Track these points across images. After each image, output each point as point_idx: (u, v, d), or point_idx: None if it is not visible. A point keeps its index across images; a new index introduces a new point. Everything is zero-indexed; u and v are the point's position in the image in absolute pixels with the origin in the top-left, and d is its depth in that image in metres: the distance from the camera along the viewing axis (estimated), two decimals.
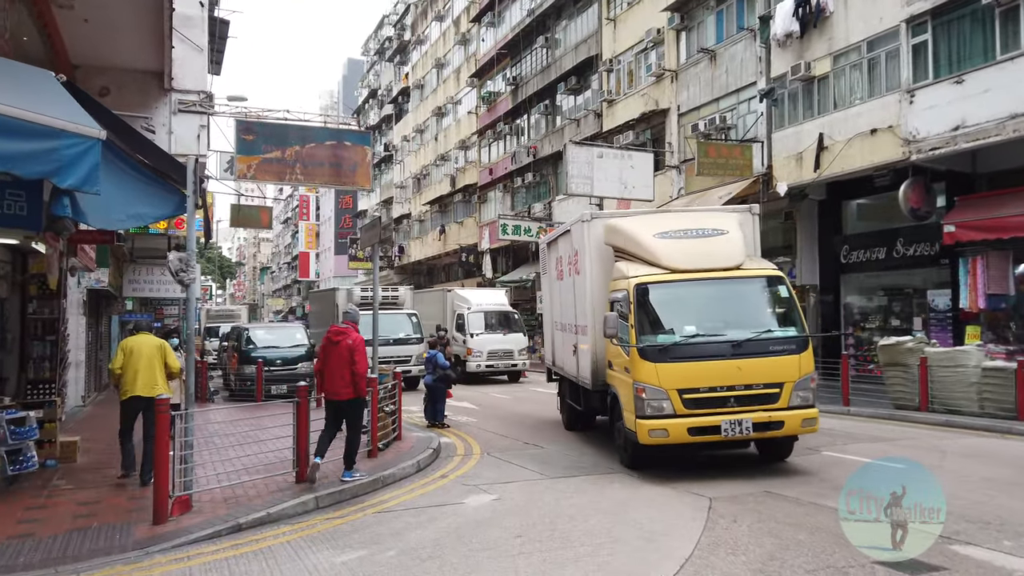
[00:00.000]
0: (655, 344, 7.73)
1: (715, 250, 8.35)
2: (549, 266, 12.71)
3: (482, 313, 21.93)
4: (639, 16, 23.26)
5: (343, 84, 78.30)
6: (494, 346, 21.32)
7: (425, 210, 43.11)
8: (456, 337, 21.71)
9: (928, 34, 14.09)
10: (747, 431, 7.54)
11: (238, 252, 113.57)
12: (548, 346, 13.23)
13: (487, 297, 22.97)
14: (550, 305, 12.72)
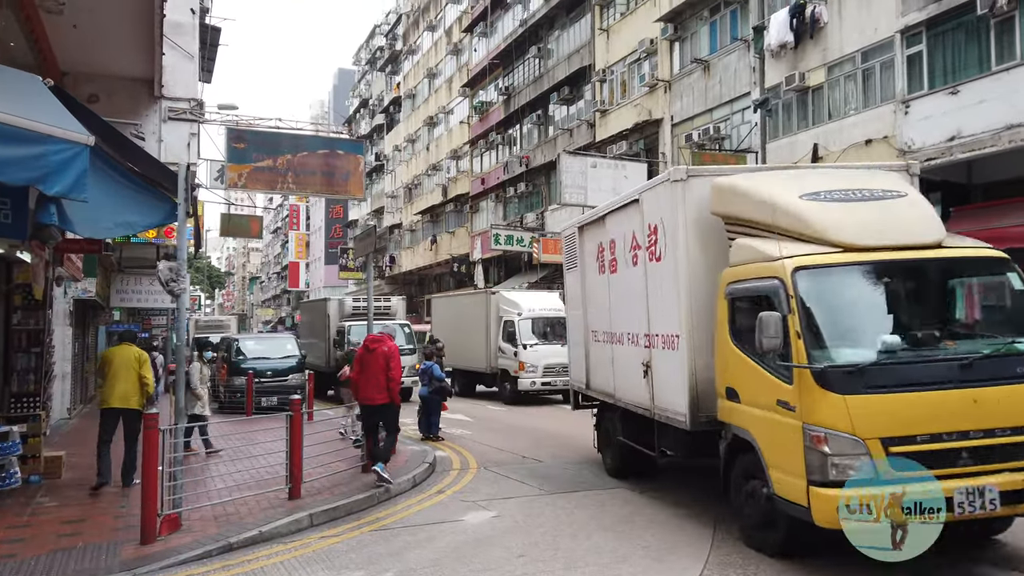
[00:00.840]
0: (842, 365, 4.95)
1: (902, 218, 5.61)
2: (584, 257, 9.48)
3: (536, 320, 18.52)
4: (632, 27, 23.27)
5: (333, 94, 78.15)
6: (551, 359, 17.60)
7: (416, 220, 42.94)
8: (503, 349, 18.84)
9: (923, 45, 14.10)
10: (992, 505, 4.79)
11: (227, 262, 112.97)
12: (578, 363, 9.99)
13: (540, 300, 19.38)
14: (583, 309, 9.61)
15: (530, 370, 17.89)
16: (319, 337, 21.72)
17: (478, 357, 19.74)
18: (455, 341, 19.87)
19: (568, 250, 10.44)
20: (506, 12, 32.15)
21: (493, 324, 19.16)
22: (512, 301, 19.19)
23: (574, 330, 10.33)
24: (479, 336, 19.60)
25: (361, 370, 8.16)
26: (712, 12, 20.18)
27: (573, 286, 10.20)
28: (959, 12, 13.31)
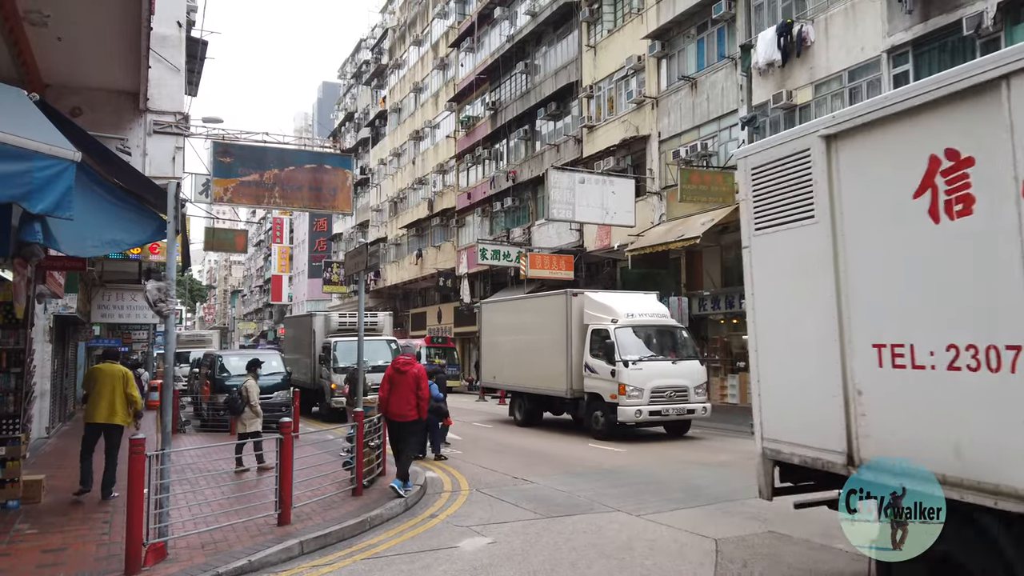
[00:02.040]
0: None
1: None
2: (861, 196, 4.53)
3: (637, 329, 14.82)
4: (619, 43, 23.38)
5: (318, 107, 77.96)
6: (661, 380, 14.10)
7: (402, 234, 42.76)
8: (593, 367, 14.83)
9: (909, 64, 14.25)
10: None
11: (208, 275, 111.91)
12: None
13: (638, 304, 15.64)
14: (836, 298, 4.63)
15: (634, 395, 13.89)
16: (304, 353, 21.45)
17: (551, 377, 15.99)
18: (515, 357, 17.68)
19: (746, 212, 5.52)
20: (493, 28, 32.23)
21: (575, 334, 15.44)
22: (603, 304, 15.32)
23: (799, 338, 5.06)
24: (554, 350, 15.90)
25: (391, 389, 8.81)
26: (699, 30, 20.32)
27: (787, 256, 5.17)
28: (945, 32, 13.46)
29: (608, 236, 23.14)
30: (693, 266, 21.44)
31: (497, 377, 18.95)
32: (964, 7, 12.95)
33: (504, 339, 18.66)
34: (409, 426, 8.82)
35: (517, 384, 17.75)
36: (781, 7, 17.26)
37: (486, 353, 19.76)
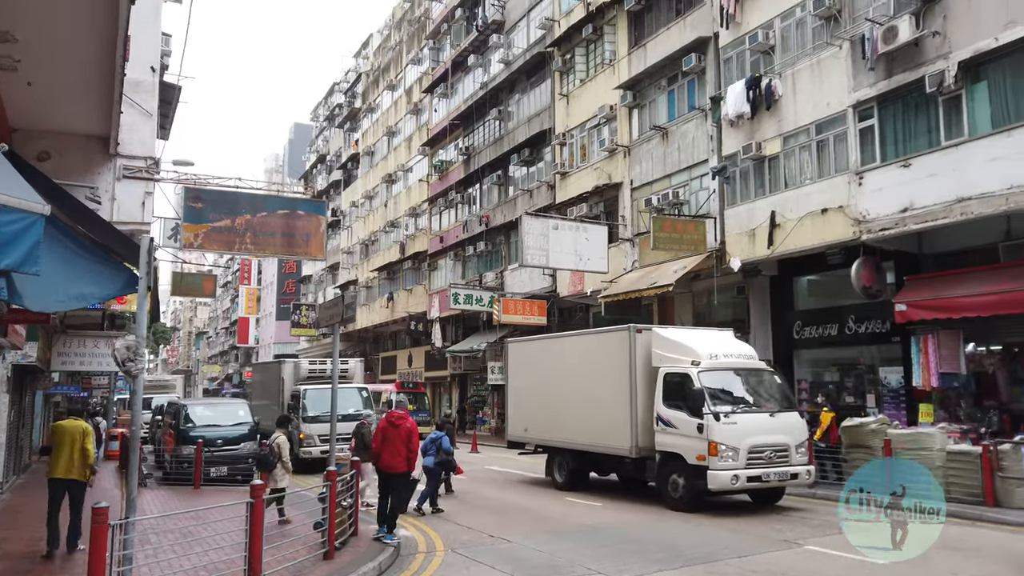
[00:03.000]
0: None
1: None
2: None
3: (725, 373, 12.26)
4: (591, 93, 23.77)
5: (289, 148, 77.89)
6: (759, 438, 11.42)
7: (373, 276, 42.49)
8: (669, 420, 12.08)
9: (875, 119, 14.63)
10: None
11: (173, 316, 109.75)
12: None
13: (720, 343, 13.19)
14: None
15: (727, 456, 11.12)
16: (272, 400, 20.96)
17: (608, 431, 13.20)
18: (555, 406, 14.85)
19: None
20: (467, 75, 32.64)
21: (641, 379, 12.71)
22: (678, 343, 12.73)
23: None
24: (612, 398, 13.16)
25: (383, 441, 9.34)
26: (670, 82, 20.75)
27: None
28: (909, 89, 13.88)
29: (581, 282, 23.20)
30: (665, 312, 21.52)
31: (530, 430, 15.87)
32: (926, 65, 13.39)
33: (540, 384, 15.68)
34: (400, 478, 9.33)
35: (558, 439, 14.83)
36: (749, 61, 17.71)
37: (515, 400, 16.72)
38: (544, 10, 26.88)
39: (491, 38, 30.19)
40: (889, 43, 13.74)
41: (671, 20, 20.55)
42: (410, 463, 9.39)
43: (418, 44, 38.72)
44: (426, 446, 12.05)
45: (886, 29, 13.80)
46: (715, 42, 18.77)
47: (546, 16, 26.51)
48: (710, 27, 18.93)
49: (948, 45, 13.11)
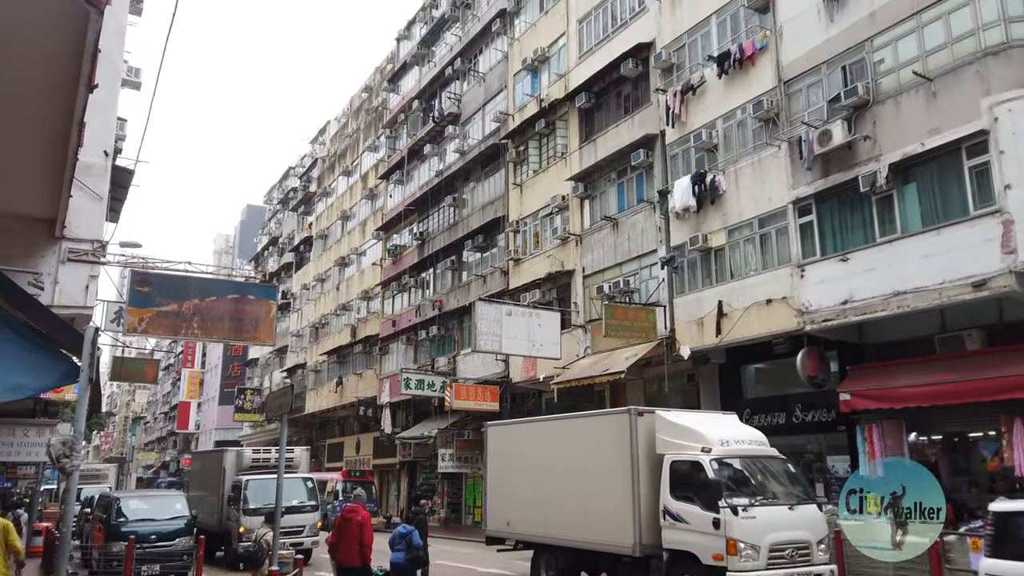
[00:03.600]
0: None
1: None
2: None
3: (740, 462, 11.25)
4: (544, 183, 24.45)
5: (240, 229, 77.44)
6: (780, 533, 10.40)
7: (322, 360, 41.73)
8: (679, 514, 11.01)
9: (814, 215, 15.33)
10: None
11: (109, 400, 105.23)
12: None
13: (729, 427, 12.35)
14: None
15: (747, 555, 10.05)
16: (211, 491, 20.02)
17: (606, 526, 12.02)
18: (543, 497, 13.52)
19: None
20: (422, 163, 33.30)
21: (644, 467, 11.65)
22: (685, 428, 11.69)
23: None
24: (610, 489, 12.03)
25: (339, 536, 9.51)
26: (619, 175, 21.52)
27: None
28: (844, 188, 14.65)
29: (534, 368, 23.19)
30: (617, 399, 21.57)
31: (512, 524, 14.46)
32: (859, 166, 14.21)
33: (525, 473, 14.34)
34: (356, 572, 9.47)
35: (546, 534, 13.42)
36: (695, 158, 18.53)
37: (495, 491, 15.32)
38: (499, 104, 27.86)
39: (447, 129, 31.04)
40: (824, 145, 14.58)
41: (620, 118, 21.50)
42: (364, 557, 9.39)
43: (375, 132, 39.51)
44: (394, 540, 11.26)
45: (821, 132, 14.67)
46: (662, 139, 19.64)
47: (500, 110, 27.46)
48: (656, 125, 19.84)
49: (879, 148, 13.98)
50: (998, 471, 13.18)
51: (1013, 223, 11.85)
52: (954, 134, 12.83)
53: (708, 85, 18.25)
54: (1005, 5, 12.57)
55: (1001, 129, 12.17)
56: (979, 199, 12.50)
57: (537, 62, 25.42)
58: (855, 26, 14.86)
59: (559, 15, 24.81)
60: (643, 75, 20.77)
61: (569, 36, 24.22)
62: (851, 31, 14.93)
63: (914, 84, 13.57)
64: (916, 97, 13.55)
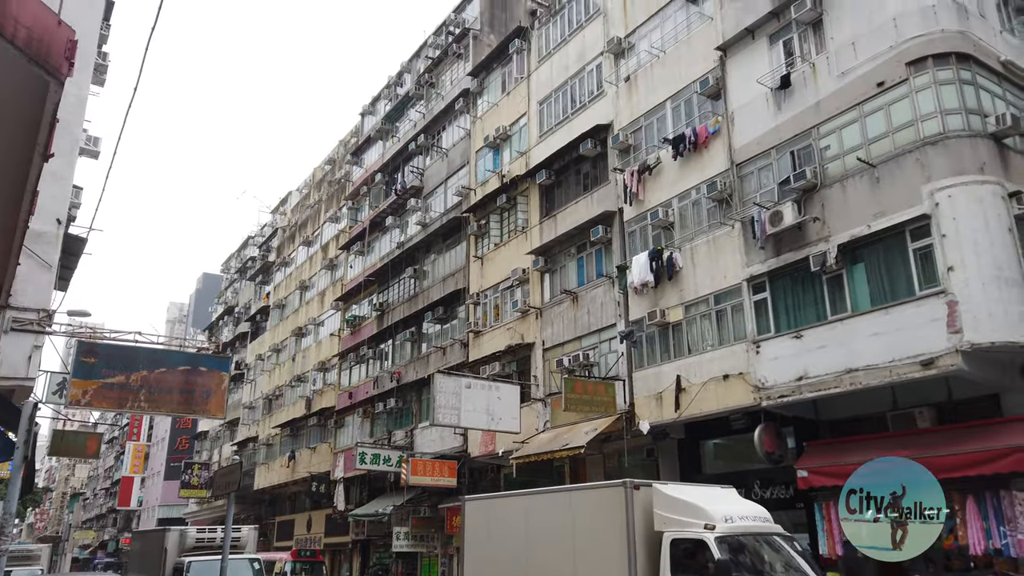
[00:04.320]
0: None
1: None
2: None
3: (747, 540, 10.67)
4: (505, 256, 24.67)
5: (196, 298, 76.17)
6: None
7: (275, 433, 40.53)
8: None
9: (767, 293, 15.69)
10: None
11: (47, 476, 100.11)
12: None
13: (732, 503, 11.82)
14: None
15: None
16: (150, 573, 18.97)
17: None
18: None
19: None
20: (384, 234, 33.41)
21: (642, 546, 10.90)
22: (685, 503, 11.05)
23: None
24: (604, 569, 11.31)
25: None
26: (579, 250, 21.84)
27: None
28: (796, 267, 15.06)
29: (493, 442, 22.84)
30: (577, 473, 21.28)
31: None
32: (810, 246, 14.67)
33: (506, 553, 13.50)
34: None
35: None
36: (652, 235, 18.94)
37: (474, 572, 14.43)
38: (461, 179, 28.32)
39: (409, 201, 31.32)
40: (776, 225, 15.07)
41: (579, 195, 21.98)
42: None
43: (337, 203, 39.66)
44: None
45: (772, 213, 15.18)
46: (620, 216, 20.08)
47: (463, 184, 27.89)
48: (615, 203, 20.32)
49: (827, 230, 14.49)
50: (953, 549, 13.21)
51: (957, 304, 12.28)
52: (898, 217, 13.39)
53: (664, 166, 18.85)
54: (941, 98, 13.37)
55: (942, 214, 12.75)
56: (924, 280, 12.97)
57: (499, 139, 26.03)
58: (801, 114, 15.61)
59: (520, 96, 25.59)
60: (602, 154, 21.39)
61: (530, 116, 24.94)
62: (798, 119, 15.67)
63: (859, 170, 14.21)
64: (861, 182, 14.17)
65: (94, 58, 16.26)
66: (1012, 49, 14.77)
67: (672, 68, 19.33)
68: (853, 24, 14.94)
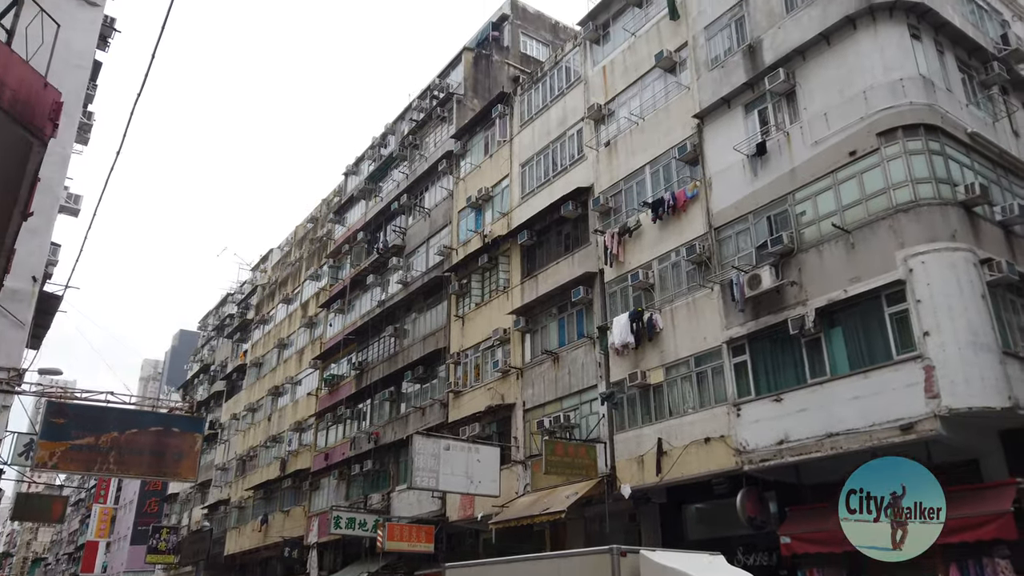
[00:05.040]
0: None
1: None
2: None
3: None
4: (486, 316, 24.65)
5: (171, 355, 75.00)
6: None
7: (247, 496, 39.42)
8: None
9: (747, 355, 15.75)
10: None
11: (8, 540, 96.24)
12: None
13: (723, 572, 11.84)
14: None
15: None
16: None
17: None
18: None
19: None
20: (365, 293, 33.33)
21: None
22: (675, 571, 10.70)
23: None
24: None
25: None
26: (560, 311, 21.89)
27: None
28: (775, 330, 15.18)
29: (472, 506, 22.37)
30: (558, 538, 20.82)
31: None
32: (788, 310, 14.82)
33: None
34: None
35: None
36: (632, 296, 19.06)
37: None
38: (443, 239, 28.48)
39: (391, 260, 31.39)
40: (754, 288, 15.24)
41: (560, 256, 22.17)
42: None
43: (318, 261, 39.63)
44: None
45: (751, 276, 15.37)
46: (601, 277, 20.23)
47: (445, 244, 28.05)
48: (596, 264, 20.50)
49: (805, 294, 14.67)
50: None
51: (934, 368, 12.39)
52: (874, 283, 13.61)
53: (644, 228, 19.12)
54: (911, 168, 13.77)
55: (916, 280, 12.98)
56: (901, 344, 13.10)
57: (481, 200, 26.34)
58: (777, 181, 15.99)
59: (503, 159, 26.02)
60: (583, 216, 21.67)
61: (512, 178, 25.32)
62: (774, 185, 16.04)
63: (834, 235, 14.50)
64: (837, 247, 14.44)
65: (79, 117, 16.37)
66: (978, 121, 15.33)
67: (651, 134, 19.82)
68: (825, 96, 15.47)
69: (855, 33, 15.19)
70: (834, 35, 15.50)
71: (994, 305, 13.04)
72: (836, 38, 15.49)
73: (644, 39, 20.88)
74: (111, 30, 19.60)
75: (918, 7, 14.94)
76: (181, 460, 14.72)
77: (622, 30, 21.87)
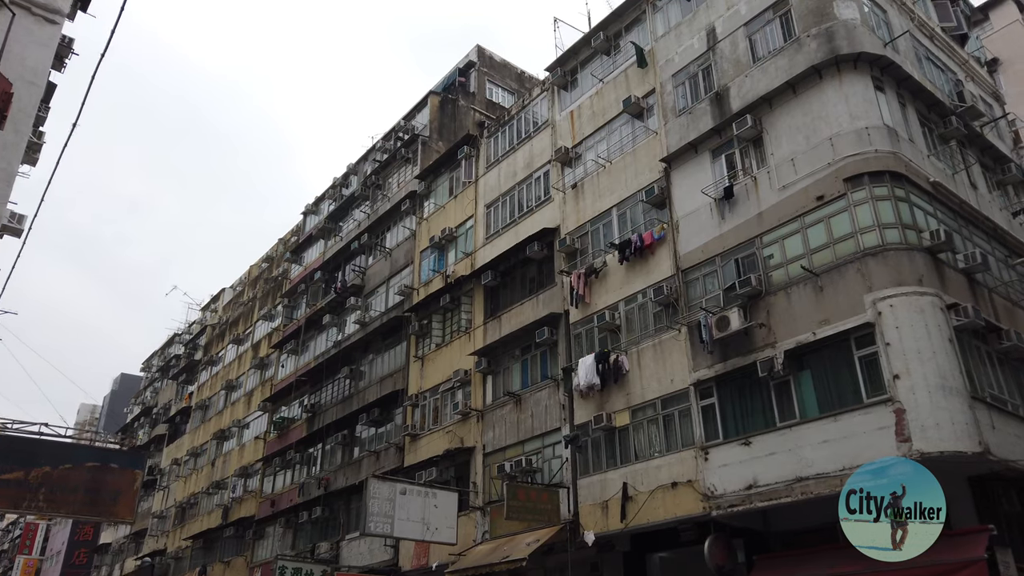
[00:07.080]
0: None
1: None
2: None
3: None
4: (447, 357, 24.08)
5: (111, 399, 71.74)
6: None
7: (186, 546, 37.35)
8: None
9: (715, 398, 15.52)
10: None
11: None
12: None
13: None
14: None
15: None
16: None
17: None
18: None
19: None
20: (320, 333, 32.43)
21: None
22: None
23: None
24: None
25: None
26: (523, 352, 21.49)
27: None
28: (743, 372, 15.01)
29: (427, 554, 21.43)
30: None
31: None
32: (756, 352, 14.70)
33: None
34: None
35: None
36: (598, 338, 18.79)
37: None
38: (404, 278, 27.98)
39: (349, 300, 30.67)
40: (723, 330, 15.11)
41: (525, 296, 21.87)
42: None
43: (272, 301, 38.59)
44: None
45: (719, 318, 15.26)
46: (566, 318, 19.96)
47: (406, 284, 27.54)
48: (561, 305, 20.25)
49: (774, 336, 14.59)
50: None
51: (904, 412, 12.32)
52: (842, 325, 13.60)
53: (610, 269, 18.99)
54: (878, 213, 13.95)
55: (885, 323, 13.00)
56: (871, 388, 13.03)
57: (445, 240, 26.02)
58: (745, 224, 16.06)
59: (468, 199, 25.85)
60: (548, 257, 21.50)
61: (477, 219, 25.12)
62: (741, 228, 16.11)
63: (802, 278, 14.52)
64: (805, 290, 14.45)
65: (27, 135, 15.64)
66: (939, 172, 15.70)
67: (618, 177, 19.88)
68: (792, 142, 15.71)
69: (821, 83, 15.54)
70: (800, 84, 15.83)
71: (961, 350, 13.10)
72: (802, 87, 15.82)
73: (612, 85, 21.13)
74: (68, 50, 19.02)
75: (881, 60, 15.39)
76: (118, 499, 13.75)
77: (590, 76, 22.14)
